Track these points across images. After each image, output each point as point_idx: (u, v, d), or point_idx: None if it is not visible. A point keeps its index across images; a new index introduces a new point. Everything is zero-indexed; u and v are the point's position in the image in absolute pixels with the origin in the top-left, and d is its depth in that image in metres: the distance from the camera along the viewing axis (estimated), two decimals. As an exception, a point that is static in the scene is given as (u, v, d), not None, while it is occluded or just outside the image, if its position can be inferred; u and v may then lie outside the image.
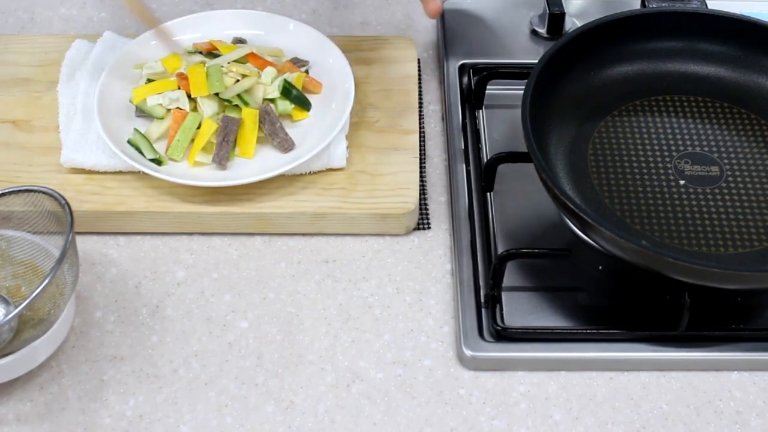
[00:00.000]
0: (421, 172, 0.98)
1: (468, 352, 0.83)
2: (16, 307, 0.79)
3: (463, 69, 1.06)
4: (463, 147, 0.99)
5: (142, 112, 0.96)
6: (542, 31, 1.10)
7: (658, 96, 0.98)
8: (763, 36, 0.97)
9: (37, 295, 0.76)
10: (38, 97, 1.01)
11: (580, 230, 0.87)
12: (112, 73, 0.99)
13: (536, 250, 0.88)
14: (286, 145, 0.94)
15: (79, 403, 0.81)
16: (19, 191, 0.84)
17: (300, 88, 0.97)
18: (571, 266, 0.88)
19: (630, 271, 0.84)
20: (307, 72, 1.00)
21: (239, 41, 1.03)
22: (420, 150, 0.99)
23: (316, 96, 0.99)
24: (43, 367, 0.83)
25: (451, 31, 1.11)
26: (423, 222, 0.95)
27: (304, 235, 0.93)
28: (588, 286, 0.89)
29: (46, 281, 0.76)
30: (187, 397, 0.82)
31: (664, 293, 0.86)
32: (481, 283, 0.88)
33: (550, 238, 0.92)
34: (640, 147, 0.93)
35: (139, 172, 0.93)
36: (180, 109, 0.95)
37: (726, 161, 0.92)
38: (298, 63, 1.01)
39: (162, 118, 0.96)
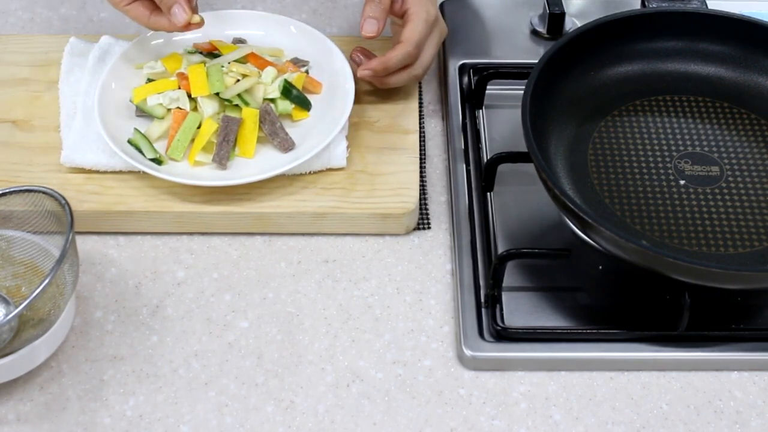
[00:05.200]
0: (421, 172, 0.98)
1: (468, 352, 0.83)
2: (16, 307, 0.79)
3: (463, 69, 1.06)
4: (463, 147, 0.99)
5: (142, 112, 0.96)
6: (542, 31, 1.10)
7: (658, 96, 0.98)
8: (763, 36, 0.97)
9: (37, 295, 0.76)
10: (38, 96, 1.01)
11: (580, 230, 0.87)
12: (112, 73, 0.98)
13: (536, 250, 0.88)
14: (286, 144, 0.94)
15: (79, 403, 0.81)
16: (19, 191, 0.84)
17: (300, 88, 0.97)
18: (571, 266, 0.88)
19: (630, 271, 0.84)
20: (307, 72, 1.00)
21: (239, 41, 1.03)
22: (420, 150, 0.99)
23: (316, 96, 0.99)
24: (43, 367, 0.83)
25: (451, 31, 1.10)
26: (423, 222, 0.95)
27: (304, 235, 0.93)
28: (588, 286, 0.89)
29: (46, 281, 0.76)
30: (187, 397, 0.82)
31: (664, 293, 0.86)
32: (481, 283, 0.88)
33: (550, 238, 0.92)
34: (640, 147, 0.93)
35: (139, 171, 0.93)
36: (180, 108, 0.95)
37: (726, 161, 0.92)
38: (298, 63, 1.01)
39: (162, 118, 0.96)
